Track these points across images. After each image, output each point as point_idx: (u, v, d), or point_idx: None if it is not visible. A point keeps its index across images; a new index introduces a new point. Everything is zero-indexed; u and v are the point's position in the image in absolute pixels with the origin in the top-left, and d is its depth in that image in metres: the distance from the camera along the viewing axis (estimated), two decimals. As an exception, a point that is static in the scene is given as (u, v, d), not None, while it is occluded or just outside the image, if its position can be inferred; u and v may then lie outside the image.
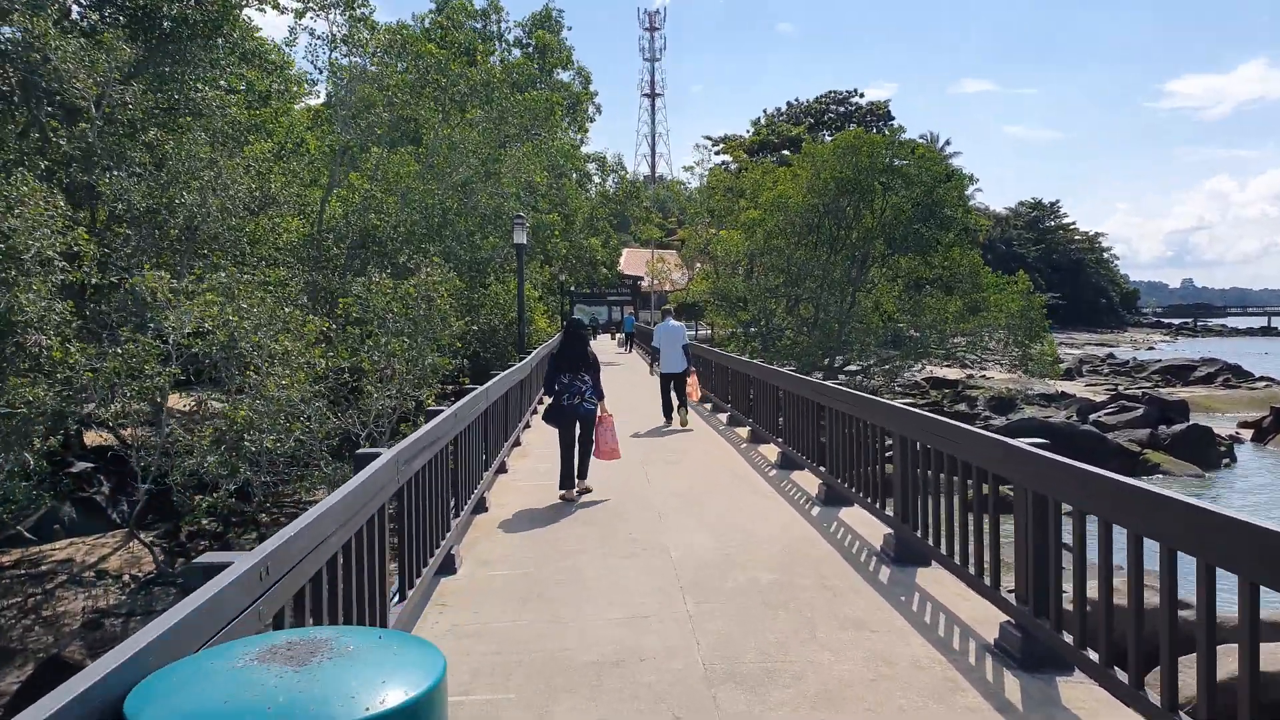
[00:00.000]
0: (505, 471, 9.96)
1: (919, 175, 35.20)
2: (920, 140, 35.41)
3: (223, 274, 13.15)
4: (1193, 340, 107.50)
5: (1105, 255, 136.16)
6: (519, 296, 15.34)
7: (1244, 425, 33.38)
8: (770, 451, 10.93)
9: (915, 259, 36.44)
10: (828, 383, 9.02)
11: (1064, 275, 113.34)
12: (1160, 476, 24.77)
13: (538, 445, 11.74)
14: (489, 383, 8.73)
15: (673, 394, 13.69)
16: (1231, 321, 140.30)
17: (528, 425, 13.19)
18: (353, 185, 20.08)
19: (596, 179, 36.11)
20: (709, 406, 16.11)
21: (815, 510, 8.03)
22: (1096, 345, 76.96)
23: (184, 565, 13.36)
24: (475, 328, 21.42)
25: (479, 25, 29.40)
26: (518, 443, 11.81)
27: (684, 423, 13.45)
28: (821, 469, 8.50)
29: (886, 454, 6.83)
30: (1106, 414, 29.30)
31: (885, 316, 36.31)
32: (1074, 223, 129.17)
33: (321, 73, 18.76)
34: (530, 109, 20.87)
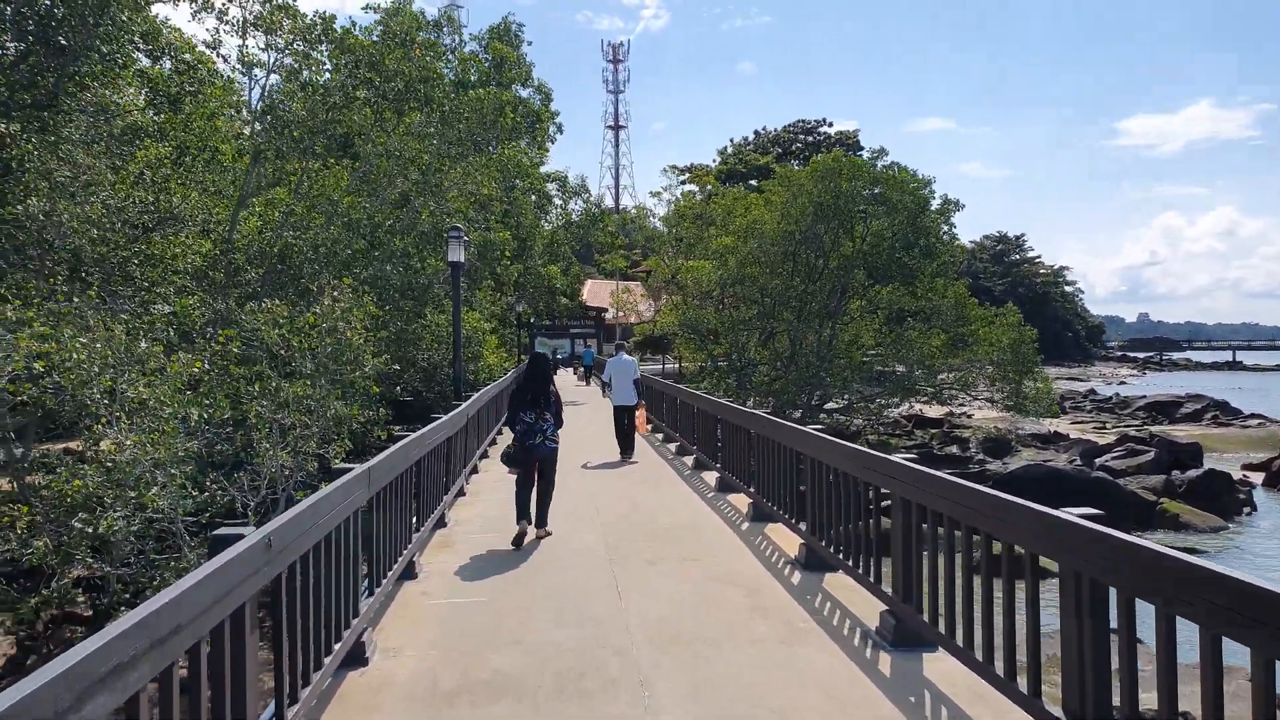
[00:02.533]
0: (445, 526, 8.57)
1: (902, 201, 33.00)
2: (902, 166, 33.09)
3: (79, 300, 10.10)
4: (1160, 374, 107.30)
5: (1069, 289, 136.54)
6: (454, 326, 12.31)
7: (1250, 467, 31.33)
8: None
9: (897, 289, 34.20)
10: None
11: (1030, 309, 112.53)
12: (1181, 533, 22.45)
13: (487, 488, 10.49)
14: (409, 438, 6.73)
15: (625, 426, 13.91)
16: (1196, 355, 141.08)
17: (475, 470, 11.65)
18: (273, 200, 17.11)
19: (558, 201, 33.31)
20: (660, 436, 16.60)
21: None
22: (1068, 380, 75.58)
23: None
24: (413, 364, 18.43)
25: (432, 36, 26.62)
26: (461, 492, 10.18)
27: (629, 452, 13.74)
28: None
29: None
30: (1114, 458, 26.95)
31: (866, 351, 33.89)
32: (1039, 256, 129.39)
33: (237, 69, 15.79)
34: (478, 109, 17.98)
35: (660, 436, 16.55)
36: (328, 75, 16.66)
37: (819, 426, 7.86)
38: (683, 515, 9.21)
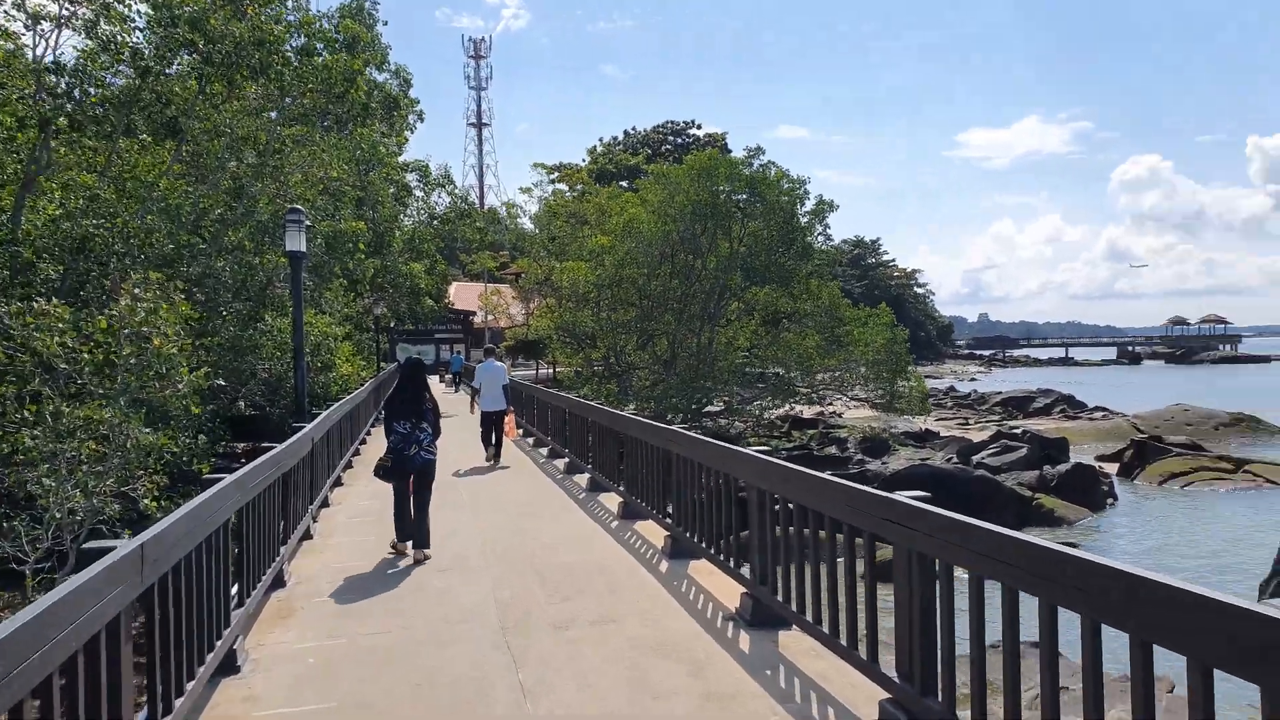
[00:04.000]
0: (283, 586, 6.65)
1: (777, 201, 32.55)
2: (777, 166, 32.62)
3: None
4: (1005, 370, 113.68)
5: (921, 291, 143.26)
6: (295, 329, 10.08)
7: (1103, 459, 32.61)
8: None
9: (774, 291, 33.77)
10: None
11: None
12: (1058, 528, 22.74)
13: (340, 526, 8.81)
14: (219, 484, 4.81)
15: (493, 432, 13.95)
16: (1034, 352, 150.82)
17: (325, 503, 9.75)
18: (72, 184, 14.28)
19: (419, 193, 30.72)
20: (531, 440, 16.54)
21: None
22: (927, 377, 78.39)
23: None
24: (252, 375, 15.95)
25: (271, 11, 23.76)
26: (308, 534, 8.26)
27: (498, 458, 13.74)
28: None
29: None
30: (990, 455, 27.23)
31: (744, 353, 33.26)
32: (893, 259, 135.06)
33: (14, 17, 12.82)
34: (325, 79, 15.54)
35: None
36: (140, 36, 14.03)
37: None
38: (567, 529, 8.59)
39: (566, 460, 12.90)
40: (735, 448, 6.02)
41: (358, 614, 5.94)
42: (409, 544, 7.46)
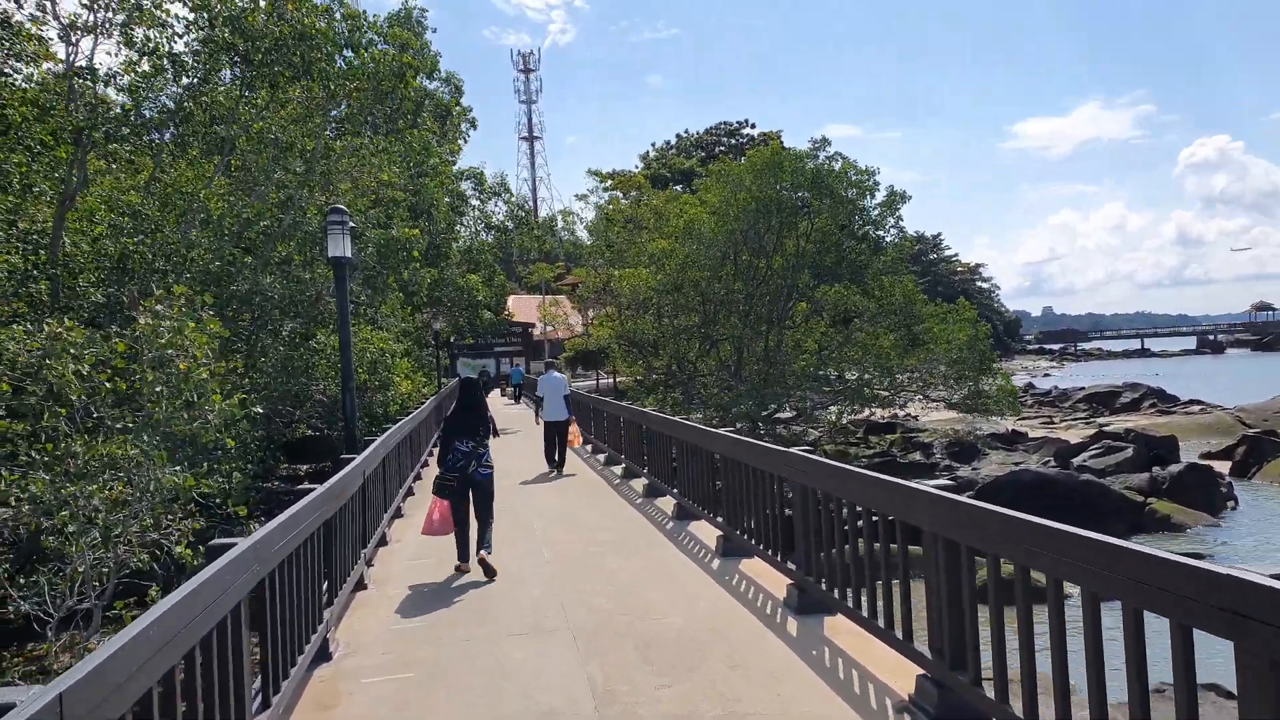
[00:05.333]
0: (329, 660, 5.43)
1: (846, 194, 30.85)
2: (845, 157, 30.95)
3: None
4: (1078, 365, 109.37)
5: (985, 285, 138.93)
6: (343, 348, 8.95)
7: (1210, 456, 30.09)
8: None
9: (845, 288, 32.01)
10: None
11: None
12: (1178, 535, 20.63)
13: (396, 573, 7.40)
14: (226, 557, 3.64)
15: (556, 441, 14.16)
16: (1106, 345, 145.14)
17: (383, 540, 8.83)
18: (114, 201, 13.51)
19: (475, 202, 29.72)
20: (589, 448, 16.85)
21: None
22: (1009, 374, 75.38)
23: None
24: (305, 398, 15.01)
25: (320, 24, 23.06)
26: (362, 584, 7.02)
27: (561, 466, 14.05)
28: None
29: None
30: (1091, 456, 25.10)
31: (813, 355, 31.56)
32: (956, 254, 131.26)
33: (47, 21, 12.05)
34: (373, 76, 14.47)
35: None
36: (180, 45, 13.20)
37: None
38: (653, 566, 7.51)
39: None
40: (904, 482, 4.63)
41: (410, 684, 4.71)
42: (466, 564, 7.53)
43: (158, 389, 7.33)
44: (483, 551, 7.44)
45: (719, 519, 8.06)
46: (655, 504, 10.66)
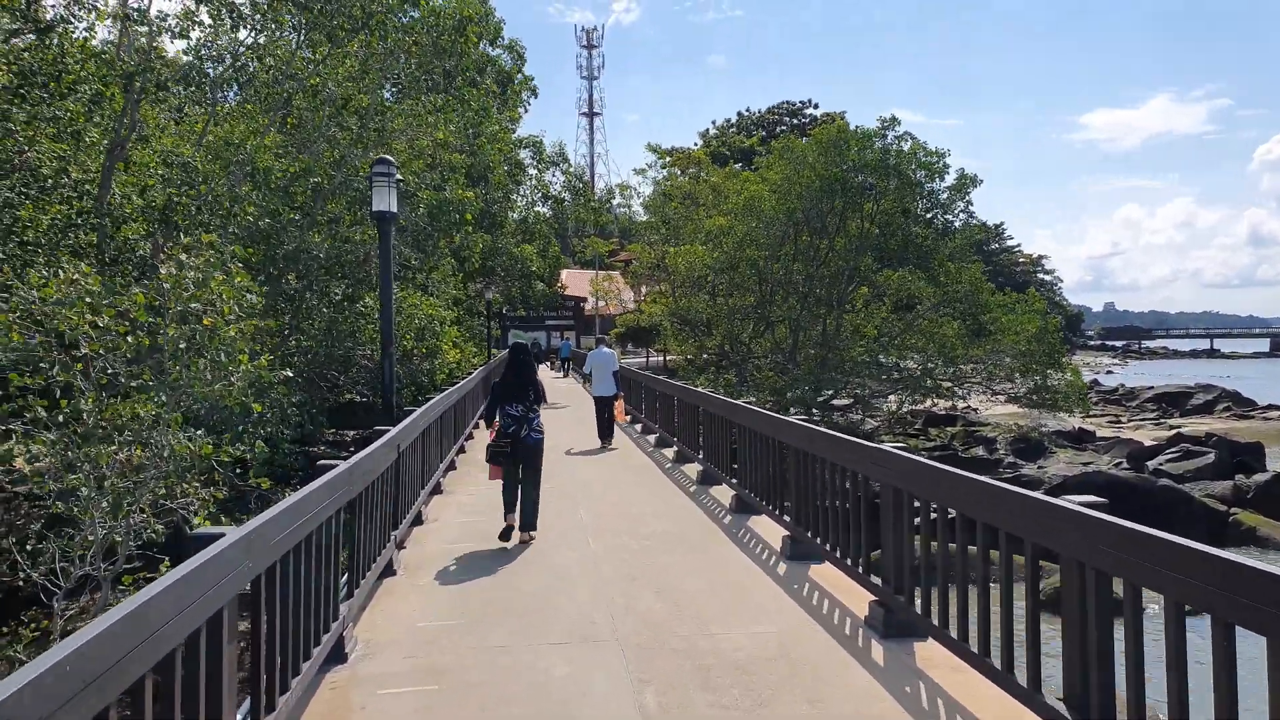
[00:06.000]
0: (344, 661, 4.78)
1: (914, 174, 29.49)
2: (914, 138, 29.55)
3: None
4: (1142, 363, 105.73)
5: (1047, 278, 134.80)
6: (383, 308, 8.31)
7: (1295, 466, 28.37)
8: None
9: (909, 274, 30.73)
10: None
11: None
12: (1266, 551, 19.23)
13: (431, 556, 6.74)
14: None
15: (605, 414, 14.31)
16: (1172, 344, 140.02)
17: (419, 519, 7.96)
18: (169, 154, 13.10)
19: (533, 171, 28.99)
20: (639, 427, 16.71)
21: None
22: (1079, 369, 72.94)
23: None
24: (350, 363, 14.55)
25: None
26: (390, 570, 6.07)
27: (609, 438, 14.29)
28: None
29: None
30: (1168, 460, 23.67)
31: (873, 341, 30.39)
32: (1019, 245, 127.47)
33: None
34: (433, 29, 13.73)
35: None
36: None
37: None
38: (716, 574, 6.38)
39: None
40: (1048, 499, 3.80)
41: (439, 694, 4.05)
42: (515, 516, 7.54)
43: (181, 345, 6.78)
44: (526, 533, 7.51)
45: (786, 518, 7.28)
46: (710, 493, 9.95)
